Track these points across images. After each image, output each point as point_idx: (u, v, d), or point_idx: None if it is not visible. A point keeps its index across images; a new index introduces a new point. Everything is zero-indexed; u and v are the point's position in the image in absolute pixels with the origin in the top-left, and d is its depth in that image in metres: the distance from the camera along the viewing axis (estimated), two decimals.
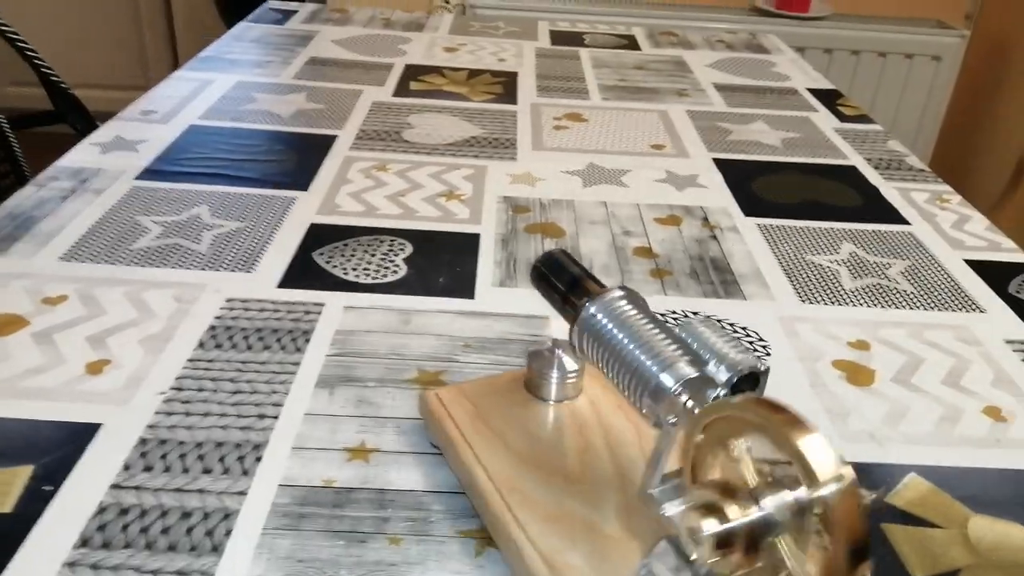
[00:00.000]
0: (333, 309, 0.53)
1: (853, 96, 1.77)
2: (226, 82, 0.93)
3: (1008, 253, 0.65)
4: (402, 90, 0.94)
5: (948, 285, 0.60)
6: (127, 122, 0.80)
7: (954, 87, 1.93)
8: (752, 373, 0.31)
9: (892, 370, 0.50)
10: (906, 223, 0.69)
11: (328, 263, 0.58)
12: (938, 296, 0.58)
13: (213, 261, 0.57)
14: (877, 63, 1.89)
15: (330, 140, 0.79)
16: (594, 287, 0.37)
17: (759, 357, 0.32)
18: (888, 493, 0.40)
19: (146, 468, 0.39)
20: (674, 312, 0.55)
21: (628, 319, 0.34)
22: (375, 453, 0.41)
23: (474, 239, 0.63)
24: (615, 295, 0.36)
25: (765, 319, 0.55)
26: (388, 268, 0.58)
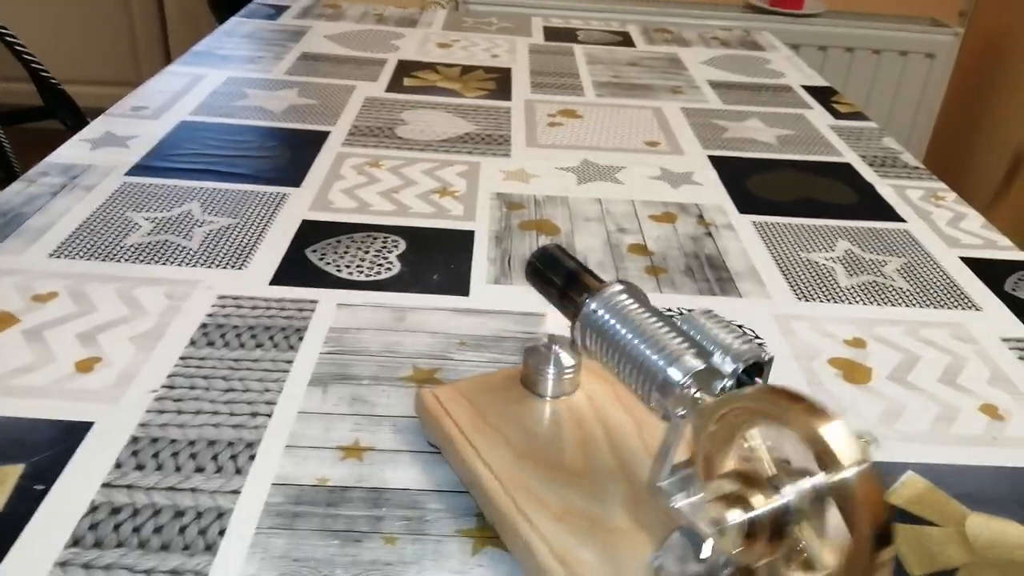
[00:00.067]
0: (326, 306, 0.52)
1: (847, 93, 1.77)
2: (217, 77, 0.92)
3: (1004, 251, 0.65)
4: (395, 86, 0.94)
5: (944, 283, 0.60)
6: (117, 118, 0.80)
7: (948, 84, 1.94)
8: (756, 362, 0.32)
9: (888, 368, 0.50)
10: (901, 220, 0.69)
11: (321, 260, 0.57)
12: (934, 294, 0.58)
13: (205, 258, 0.57)
14: (871, 60, 1.89)
15: (323, 136, 0.79)
16: (592, 282, 0.37)
17: (761, 346, 0.32)
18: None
19: (138, 467, 0.39)
20: (669, 310, 0.55)
21: (630, 313, 0.34)
22: (369, 452, 0.41)
23: (468, 236, 0.62)
24: (615, 289, 0.35)
25: (761, 317, 0.54)
26: (382, 265, 0.57)
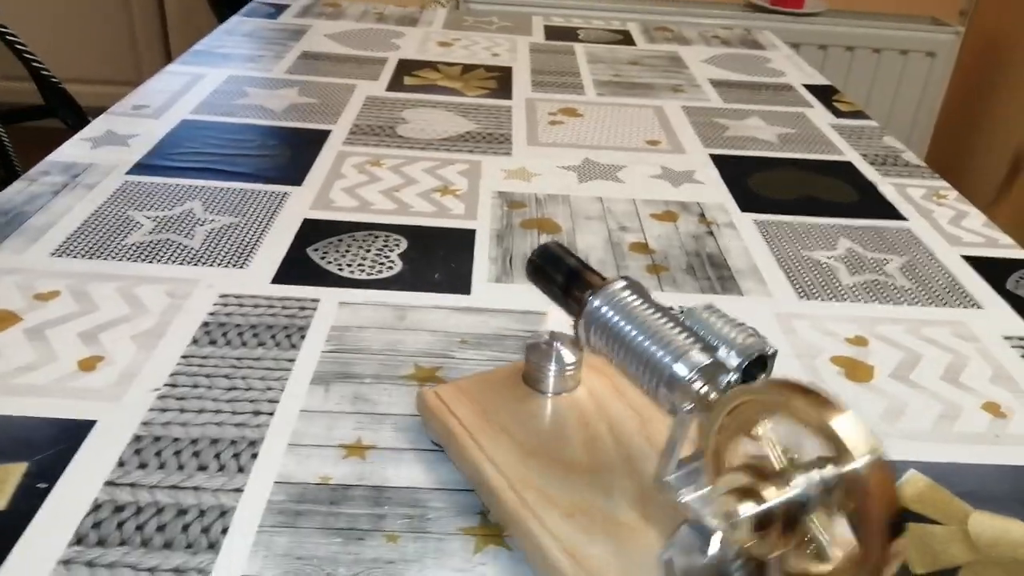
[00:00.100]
0: (328, 305, 0.52)
1: (848, 92, 1.77)
2: (218, 76, 0.92)
3: (1005, 249, 0.65)
4: (396, 85, 0.94)
5: (946, 281, 0.60)
6: (118, 117, 0.80)
7: (949, 83, 1.94)
8: (760, 356, 0.32)
9: (890, 366, 0.50)
10: (903, 219, 0.69)
11: (323, 259, 0.57)
12: (936, 292, 0.58)
13: (206, 256, 0.57)
14: (872, 59, 1.89)
15: (323, 135, 0.79)
16: (594, 278, 0.37)
17: (764, 340, 0.32)
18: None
19: (141, 465, 0.39)
20: (670, 308, 0.55)
21: (634, 310, 0.34)
22: (371, 450, 0.41)
23: (469, 235, 0.62)
24: (618, 286, 0.35)
25: (762, 316, 0.54)
26: (383, 264, 0.57)
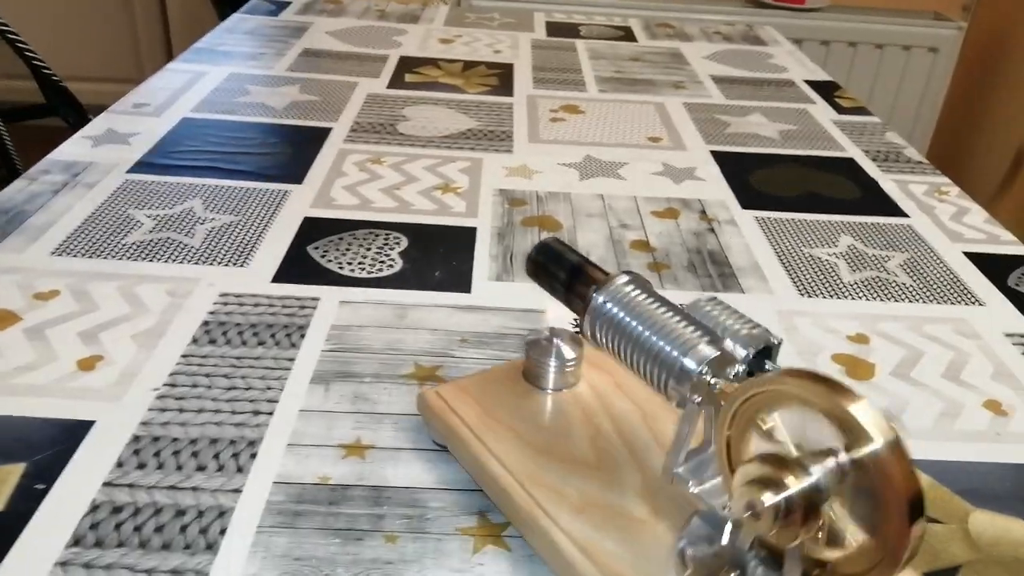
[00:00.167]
0: (328, 304, 0.52)
1: (850, 88, 1.77)
2: (219, 74, 0.92)
3: (1007, 245, 0.65)
4: (397, 82, 0.94)
5: (947, 278, 0.60)
6: (119, 115, 0.80)
7: (951, 79, 1.93)
8: (765, 347, 0.32)
9: (892, 364, 0.50)
10: (905, 215, 0.69)
11: (323, 257, 0.57)
12: (937, 289, 0.58)
13: (206, 255, 0.57)
14: (874, 55, 1.88)
15: (324, 132, 0.78)
16: (597, 274, 0.37)
17: (767, 330, 0.32)
18: None
19: (139, 465, 0.39)
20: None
21: (639, 304, 0.34)
22: (371, 450, 0.41)
23: (470, 232, 0.62)
24: (622, 281, 0.35)
25: (763, 313, 0.54)
26: (383, 262, 0.57)
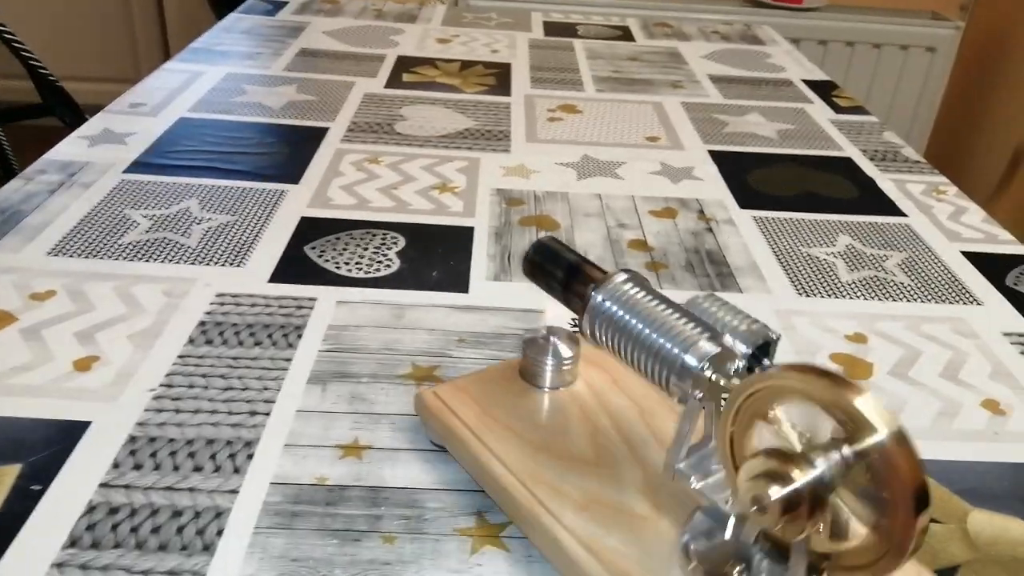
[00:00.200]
0: (325, 304, 0.52)
1: (848, 87, 1.77)
2: (216, 74, 0.92)
3: (1005, 245, 0.65)
4: (394, 82, 0.94)
5: (945, 277, 0.60)
6: (116, 115, 0.79)
7: (949, 78, 1.93)
8: (764, 342, 0.32)
9: (890, 363, 0.50)
10: (903, 215, 0.69)
11: (320, 257, 0.57)
12: (935, 288, 0.58)
13: (203, 255, 0.56)
14: (872, 54, 1.88)
15: (321, 132, 0.78)
16: (595, 273, 0.37)
17: (766, 326, 0.33)
18: None
19: (136, 466, 0.39)
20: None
21: (638, 302, 0.34)
22: (368, 450, 0.41)
23: (468, 232, 0.62)
24: (621, 279, 0.35)
25: (762, 312, 0.54)
26: (381, 262, 0.57)
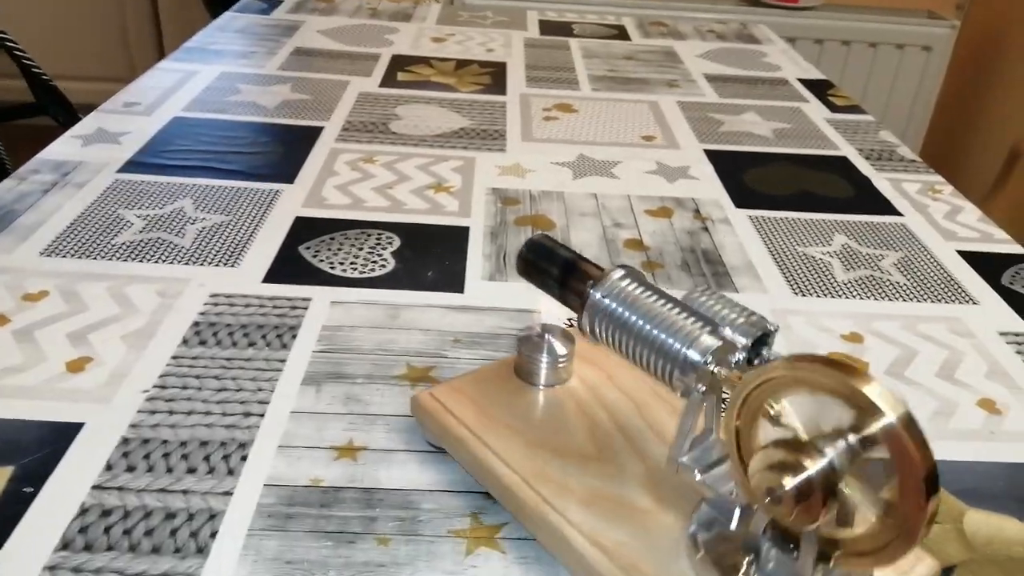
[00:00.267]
0: (320, 304, 0.52)
1: (844, 86, 1.77)
2: (210, 73, 0.91)
3: (1000, 244, 0.65)
4: (389, 81, 0.93)
5: (941, 277, 0.60)
6: (109, 114, 0.79)
7: (945, 77, 1.93)
8: (763, 333, 0.32)
9: (886, 363, 0.50)
10: (898, 214, 0.69)
11: (314, 257, 0.57)
12: (931, 288, 0.58)
13: (197, 255, 0.56)
14: (868, 53, 1.88)
15: (316, 132, 0.78)
16: (592, 269, 0.37)
17: (764, 318, 0.33)
18: None
19: (129, 468, 0.39)
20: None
21: (637, 298, 0.34)
22: (363, 451, 0.41)
23: (463, 232, 0.62)
24: (618, 276, 0.35)
25: (757, 311, 0.54)
26: (376, 262, 0.57)
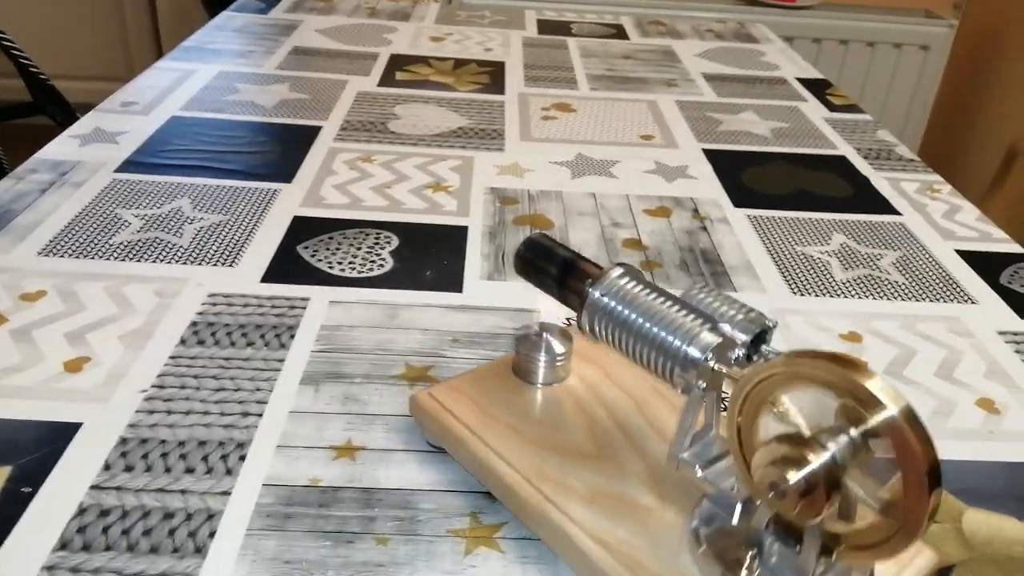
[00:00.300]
0: (318, 304, 0.52)
1: (842, 86, 1.76)
2: (208, 72, 0.91)
3: (999, 243, 0.65)
4: (387, 80, 0.93)
5: (940, 276, 0.60)
6: (107, 113, 0.79)
7: (943, 76, 1.93)
8: (761, 330, 0.33)
9: (884, 362, 0.50)
10: (897, 213, 0.69)
11: (313, 257, 0.57)
12: (930, 287, 0.58)
13: (195, 255, 0.56)
14: (866, 53, 1.88)
15: (314, 131, 0.78)
16: (591, 268, 0.37)
17: (762, 314, 0.33)
18: None
19: (127, 468, 0.38)
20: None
21: (636, 297, 0.34)
22: (362, 451, 0.40)
23: (462, 231, 0.62)
24: (617, 274, 0.35)
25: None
26: (374, 262, 0.57)
